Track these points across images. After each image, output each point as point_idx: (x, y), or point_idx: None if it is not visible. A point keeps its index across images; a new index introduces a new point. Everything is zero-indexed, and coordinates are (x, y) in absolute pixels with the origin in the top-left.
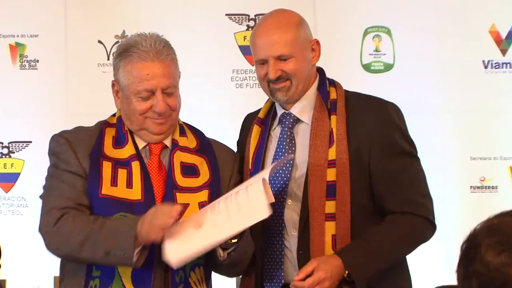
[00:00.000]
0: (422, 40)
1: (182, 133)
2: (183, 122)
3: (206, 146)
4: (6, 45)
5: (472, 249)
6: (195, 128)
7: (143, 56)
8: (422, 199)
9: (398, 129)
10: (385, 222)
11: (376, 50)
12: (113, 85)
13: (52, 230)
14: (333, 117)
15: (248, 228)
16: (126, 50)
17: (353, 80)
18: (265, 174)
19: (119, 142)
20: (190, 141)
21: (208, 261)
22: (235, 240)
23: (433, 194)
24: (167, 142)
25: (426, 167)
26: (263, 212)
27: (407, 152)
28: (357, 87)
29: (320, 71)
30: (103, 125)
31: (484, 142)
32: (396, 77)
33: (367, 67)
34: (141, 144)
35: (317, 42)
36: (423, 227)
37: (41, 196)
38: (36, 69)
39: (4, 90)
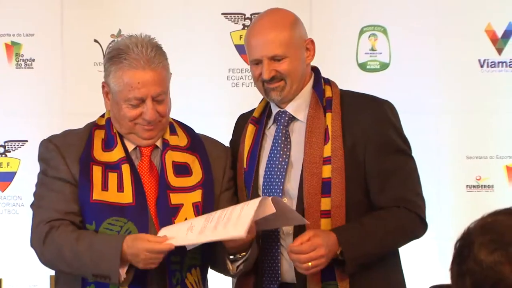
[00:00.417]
0: (418, 39)
1: (173, 132)
2: (173, 120)
3: (197, 144)
4: (2, 44)
5: (466, 247)
6: (185, 125)
7: (133, 64)
8: (415, 197)
9: (394, 127)
10: (382, 211)
11: (372, 49)
12: (103, 86)
13: (42, 248)
14: (328, 115)
15: (255, 237)
16: (117, 56)
17: (349, 79)
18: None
19: (108, 145)
20: (181, 139)
21: (205, 262)
22: (244, 254)
23: (429, 193)
24: (158, 143)
25: (422, 166)
26: (240, 230)
27: (402, 150)
28: (352, 86)
29: (315, 70)
30: (92, 128)
31: (480, 141)
32: (392, 76)
33: (363, 66)
34: (131, 146)
35: (312, 41)
36: (415, 223)
37: (31, 206)
38: (32, 68)
39: None
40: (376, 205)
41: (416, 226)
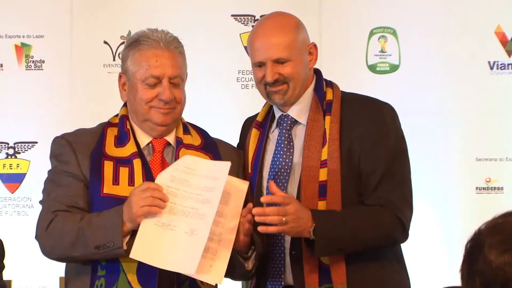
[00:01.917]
0: (427, 41)
1: (186, 131)
2: (187, 122)
3: (211, 145)
4: (12, 46)
5: (476, 248)
6: (199, 127)
7: (153, 44)
8: (402, 204)
9: (390, 130)
10: (364, 206)
11: (382, 51)
12: (120, 77)
13: (44, 235)
14: (327, 118)
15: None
16: (136, 40)
17: (359, 81)
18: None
19: (120, 141)
20: (194, 139)
21: None
22: (252, 247)
23: (438, 194)
24: (170, 139)
25: (431, 168)
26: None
27: (396, 155)
28: (362, 88)
29: (317, 72)
30: (105, 126)
31: (490, 143)
32: (401, 78)
33: (372, 68)
34: (144, 142)
35: (315, 46)
36: (395, 226)
37: (40, 202)
38: (42, 69)
39: (9, 90)
40: (365, 203)
41: (395, 229)
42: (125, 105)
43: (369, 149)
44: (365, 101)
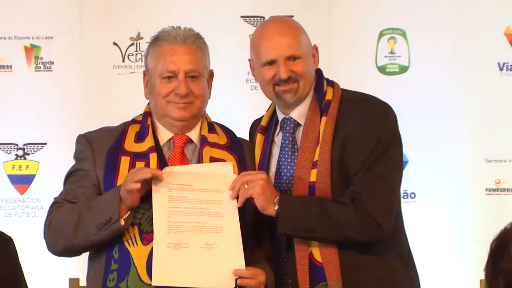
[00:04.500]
0: (437, 42)
1: (212, 130)
2: (214, 121)
3: (236, 145)
4: (21, 47)
5: (501, 247)
6: (226, 127)
7: (171, 40)
8: (373, 199)
9: (375, 131)
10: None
11: (391, 52)
12: (144, 75)
13: (47, 231)
14: (323, 118)
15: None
16: (157, 38)
17: (368, 82)
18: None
19: (140, 137)
20: (220, 138)
21: None
22: None
23: (448, 196)
24: (193, 137)
25: (441, 169)
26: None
27: (379, 154)
28: (372, 89)
29: (318, 72)
30: (127, 123)
31: (499, 144)
32: (411, 79)
33: (382, 69)
34: (165, 138)
35: (316, 48)
36: (363, 219)
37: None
38: (51, 71)
39: (19, 92)
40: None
41: (362, 222)
42: (149, 102)
43: (353, 150)
44: (360, 101)
